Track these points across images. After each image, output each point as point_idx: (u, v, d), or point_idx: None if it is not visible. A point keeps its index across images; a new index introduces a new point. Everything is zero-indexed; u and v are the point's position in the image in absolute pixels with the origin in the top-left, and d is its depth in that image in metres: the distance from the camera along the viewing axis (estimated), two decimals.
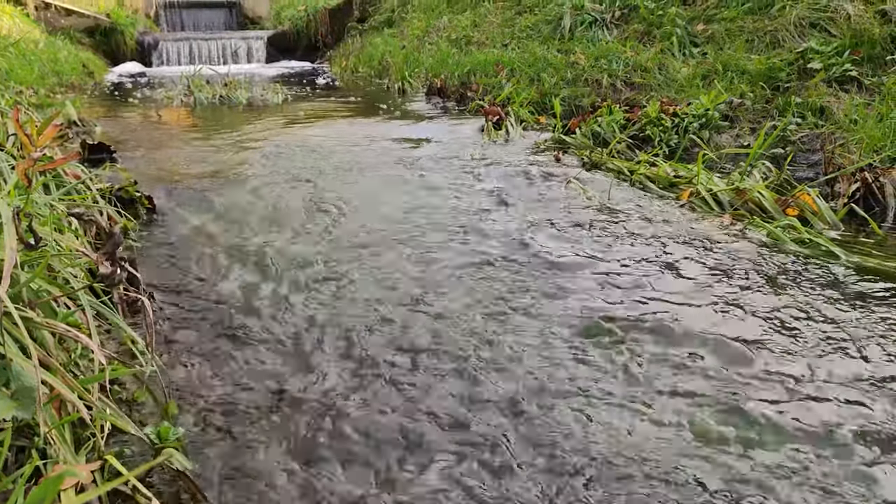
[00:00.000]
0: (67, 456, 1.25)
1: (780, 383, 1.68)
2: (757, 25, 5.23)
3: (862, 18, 4.50)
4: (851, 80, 4.20)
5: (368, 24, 12.80)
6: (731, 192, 3.17)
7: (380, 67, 9.97)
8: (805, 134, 3.90)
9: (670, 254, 2.54)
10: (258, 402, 1.64)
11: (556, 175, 3.67)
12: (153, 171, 3.86)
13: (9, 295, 1.20)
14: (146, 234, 2.84)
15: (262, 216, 3.06)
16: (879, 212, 3.07)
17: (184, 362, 1.81)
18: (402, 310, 2.12)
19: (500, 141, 4.64)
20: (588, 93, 5.60)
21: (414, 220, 2.98)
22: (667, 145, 4.21)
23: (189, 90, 7.64)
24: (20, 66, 7.38)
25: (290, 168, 3.89)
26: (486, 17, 8.99)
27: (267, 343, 1.93)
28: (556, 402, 1.62)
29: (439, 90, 7.15)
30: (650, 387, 1.68)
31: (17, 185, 1.75)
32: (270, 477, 1.38)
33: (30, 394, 1.14)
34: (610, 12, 6.90)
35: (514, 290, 2.26)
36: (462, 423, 1.54)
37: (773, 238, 2.71)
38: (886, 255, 2.54)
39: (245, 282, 2.35)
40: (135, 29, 13.04)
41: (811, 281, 2.29)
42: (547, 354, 1.84)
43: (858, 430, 1.49)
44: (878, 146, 3.38)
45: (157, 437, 1.34)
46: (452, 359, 1.82)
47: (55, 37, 10.80)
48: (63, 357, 1.46)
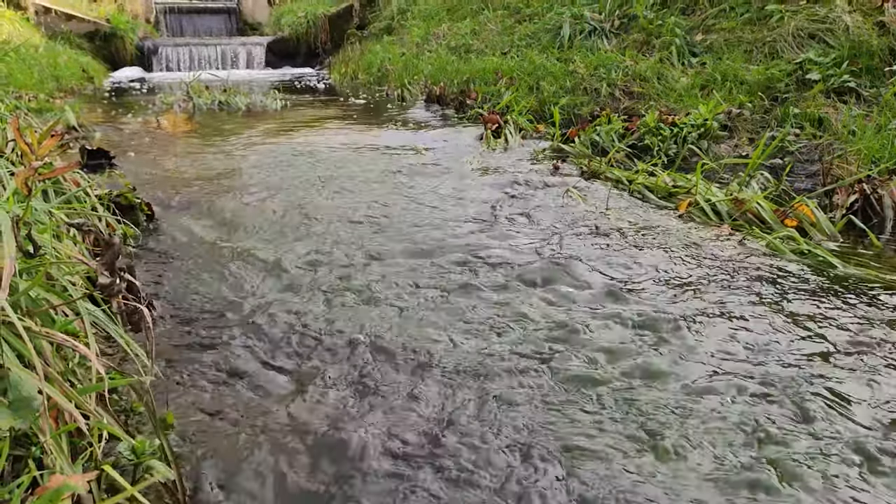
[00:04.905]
0: (64, 466, 1.25)
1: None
2: (756, 36, 5.25)
3: (860, 30, 4.52)
4: (850, 91, 4.22)
5: (368, 31, 12.84)
6: (730, 203, 3.18)
7: (379, 74, 9.99)
8: (803, 145, 3.91)
9: (666, 262, 2.54)
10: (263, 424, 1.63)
11: (554, 184, 3.68)
12: (152, 176, 3.86)
13: (7, 303, 1.19)
14: (145, 241, 2.83)
15: (259, 223, 3.05)
16: (878, 223, 3.07)
17: (183, 372, 1.81)
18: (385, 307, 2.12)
19: (498, 149, 4.64)
20: (587, 101, 5.61)
21: (410, 230, 2.98)
22: (665, 155, 4.22)
23: (188, 96, 7.65)
24: (20, 71, 7.39)
25: (288, 176, 3.89)
26: (485, 26, 9.02)
27: (266, 361, 1.93)
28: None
29: (438, 98, 7.17)
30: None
31: (15, 192, 1.75)
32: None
33: (28, 404, 1.13)
34: (609, 21, 6.93)
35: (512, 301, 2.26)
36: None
37: (772, 249, 2.71)
38: (884, 267, 2.54)
39: (244, 287, 2.34)
40: (135, 34, 13.08)
41: (805, 291, 2.30)
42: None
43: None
44: (876, 157, 3.39)
45: (132, 452, 1.33)
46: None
47: (55, 41, 10.82)
48: (61, 366, 1.45)
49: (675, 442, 1.48)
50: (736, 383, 1.71)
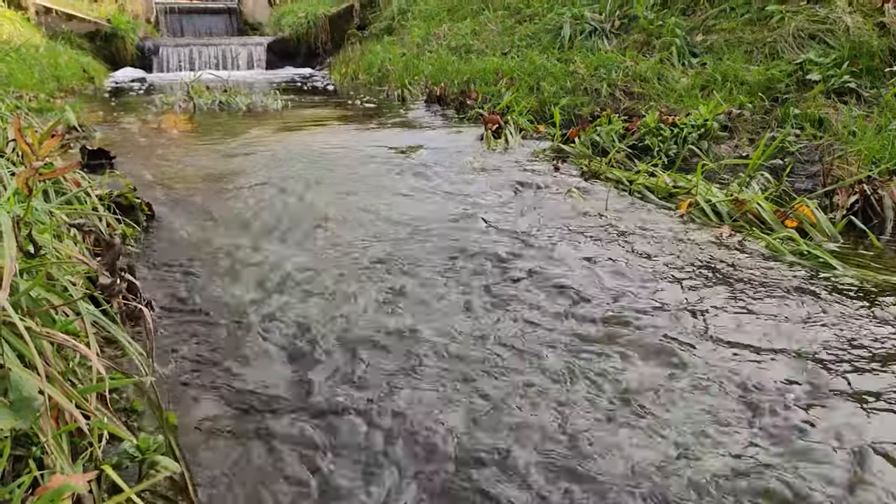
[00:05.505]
0: (65, 466, 1.25)
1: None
2: (756, 36, 5.26)
3: (860, 30, 4.53)
4: (850, 92, 4.22)
5: (368, 32, 12.85)
6: (730, 203, 3.18)
7: (379, 75, 10.00)
8: (804, 145, 3.91)
9: (664, 261, 2.55)
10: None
11: (554, 184, 3.68)
12: (152, 176, 3.86)
13: (8, 303, 1.19)
14: (145, 241, 2.84)
15: (259, 223, 3.06)
16: (878, 224, 3.07)
17: (183, 371, 1.81)
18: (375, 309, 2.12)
19: (499, 149, 4.65)
20: (587, 102, 5.62)
21: (408, 232, 2.99)
22: (666, 155, 4.23)
23: (189, 96, 7.65)
24: (20, 71, 7.39)
25: (288, 176, 3.89)
26: (486, 26, 9.03)
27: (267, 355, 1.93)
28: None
29: (439, 98, 7.18)
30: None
31: (16, 193, 1.75)
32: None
33: (29, 404, 1.14)
34: (609, 22, 6.93)
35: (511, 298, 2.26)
36: None
37: (772, 250, 2.71)
38: (883, 268, 2.54)
39: (242, 289, 2.34)
40: (135, 34, 13.09)
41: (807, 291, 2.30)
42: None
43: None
44: (876, 158, 3.39)
45: (137, 450, 1.34)
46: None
47: (56, 41, 10.82)
48: (61, 366, 1.45)
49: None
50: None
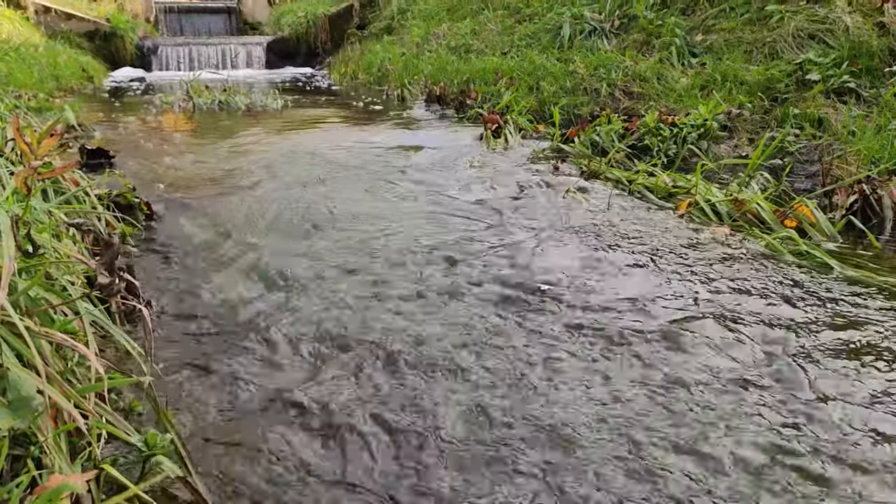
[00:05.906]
0: (63, 465, 1.25)
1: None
2: (756, 36, 5.25)
3: (860, 30, 4.53)
4: (849, 92, 4.22)
5: (368, 31, 12.84)
6: (730, 203, 3.18)
7: (379, 74, 9.99)
8: (803, 145, 3.91)
9: (663, 263, 2.55)
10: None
11: (554, 184, 3.68)
12: (152, 176, 3.86)
13: (7, 302, 1.19)
14: (144, 241, 2.83)
15: (259, 223, 3.05)
16: (877, 224, 3.07)
17: (181, 371, 1.81)
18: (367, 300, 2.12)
19: (498, 149, 4.64)
20: (587, 101, 5.62)
21: (409, 231, 2.99)
22: (665, 155, 4.22)
23: (188, 95, 7.64)
24: (20, 70, 7.38)
25: (288, 175, 3.89)
26: (485, 26, 9.02)
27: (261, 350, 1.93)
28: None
29: (438, 97, 7.17)
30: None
31: (15, 192, 1.75)
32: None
33: (27, 403, 1.13)
34: (609, 21, 6.93)
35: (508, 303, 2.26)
36: None
37: (771, 249, 2.71)
38: (882, 268, 2.54)
39: (241, 289, 2.34)
40: (134, 33, 13.07)
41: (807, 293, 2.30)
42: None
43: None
44: (875, 158, 3.39)
45: (145, 445, 1.33)
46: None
47: (55, 41, 10.81)
48: (60, 365, 1.45)
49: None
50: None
